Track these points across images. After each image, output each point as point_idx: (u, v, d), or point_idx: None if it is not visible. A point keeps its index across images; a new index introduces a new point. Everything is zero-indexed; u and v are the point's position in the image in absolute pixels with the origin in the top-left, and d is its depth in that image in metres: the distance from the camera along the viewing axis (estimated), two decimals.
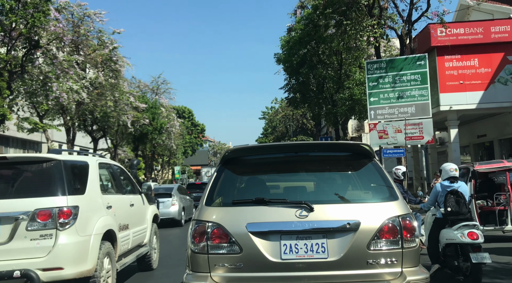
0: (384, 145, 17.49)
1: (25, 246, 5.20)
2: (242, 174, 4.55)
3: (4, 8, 14.67)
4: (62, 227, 5.31)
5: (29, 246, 5.21)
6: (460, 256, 6.84)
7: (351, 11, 18.45)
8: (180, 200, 17.65)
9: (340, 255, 3.74)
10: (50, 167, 5.62)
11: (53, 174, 5.56)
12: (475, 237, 6.54)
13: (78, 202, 5.56)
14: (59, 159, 5.72)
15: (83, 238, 5.54)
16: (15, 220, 5.21)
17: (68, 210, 5.37)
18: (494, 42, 19.89)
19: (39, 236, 5.24)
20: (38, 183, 5.58)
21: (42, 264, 5.18)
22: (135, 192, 8.02)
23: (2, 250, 5.16)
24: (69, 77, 18.33)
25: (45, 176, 5.61)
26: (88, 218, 5.73)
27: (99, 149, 31.36)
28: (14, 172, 5.76)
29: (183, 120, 60.53)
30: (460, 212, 6.95)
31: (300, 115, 47.84)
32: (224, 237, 3.84)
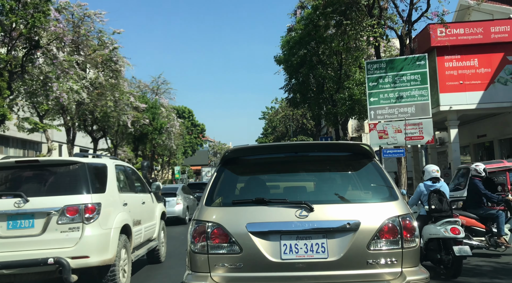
0: (384, 145, 17.48)
1: (56, 237, 6.00)
2: (242, 174, 4.55)
3: (4, 8, 14.67)
4: (87, 221, 6.13)
5: (60, 237, 6.01)
6: (442, 249, 7.34)
7: (351, 11, 18.44)
8: (184, 199, 18.45)
9: (340, 255, 3.75)
10: (76, 169, 6.45)
11: (79, 175, 6.38)
12: (457, 232, 7.13)
13: (100, 199, 6.36)
14: (84, 162, 6.55)
15: (105, 230, 6.32)
16: (47, 215, 6.03)
17: (92, 206, 6.18)
18: (494, 42, 19.88)
19: (68, 229, 6.05)
20: (66, 183, 6.41)
21: (71, 253, 5.97)
22: (145, 191, 8.81)
23: (36, 240, 5.95)
24: (69, 78, 18.33)
25: (72, 176, 6.43)
26: (109, 213, 6.50)
27: (99, 149, 31.36)
28: (45, 173, 6.58)
29: (183, 120, 60.49)
30: (442, 210, 7.60)
31: (300, 115, 47.83)
32: (224, 237, 3.84)
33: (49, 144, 23.03)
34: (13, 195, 6.11)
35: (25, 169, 6.64)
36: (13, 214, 6.03)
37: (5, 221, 6.02)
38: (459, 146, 20.87)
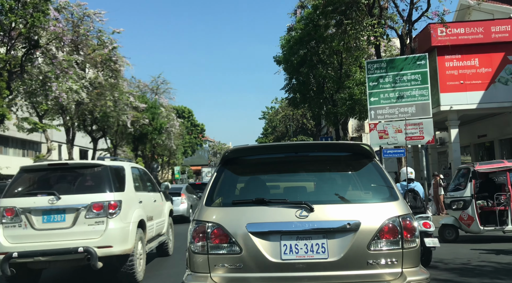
0: (385, 145, 17.46)
1: (84, 230, 6.90)
2: (242, 174, 4.53)
3: (3, 7, 14.66)
4: (110, 216, 7.03)
5: (87, 229, 6.93)
6: None
7: (351, 10, 18.42)
8: (188, 198, 19.28)
9: (340, 255, 3.73)
10: (100, 171, 7.35)
11: (103, 176, 7.29)
12: (428, 226, 8.06)
13: (121, 197, 7.26)
14: (106, 165, 7.46)
15: (125, 224, 7.23)
16: (77, 210, 6.93)
17: (114, 203, 7.11)
18: (494, 42, 19.87)
19: (94, 222, 6.96)
20: (92, 183, 7.34)
21: (97, 243, 6.86)
22: (155, 190, 9.72)
23: (67, 232, 6.88)
24: (69, 77, 18.32)
25: (96, 177, 7.35)
26: (128, 209, 7.41)
27: (99, 149, 31.34)
28: (73, 174, 7.60)
29: (183, 120, 60.50)
30: (416, 206, 8.61)
31: (300, 115, 47.80)
32: (224, 237, 3.82)
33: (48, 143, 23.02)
34: (47, 193, 7.04)
35: (56, 170, 7.66)
36: (47, 210, 6.95)
37: (40, 216, 6.95)
38: (459, 146, 20.86)
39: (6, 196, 7.16)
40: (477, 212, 10.69)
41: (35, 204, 6.95)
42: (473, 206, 10.69)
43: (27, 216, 6.91)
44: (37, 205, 6.95)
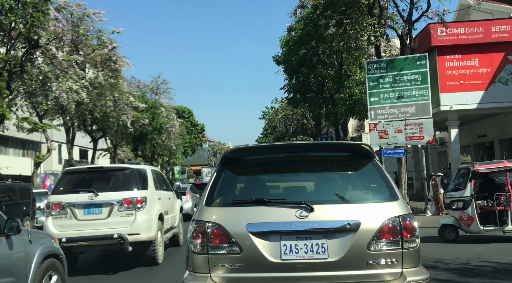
0: (384, 145, 17.46)
1: (117, 220, 8.54)
2: (242, 174, 4.53)
3: (3, 7, 14.66)
4: (138, 209, 8.68)
5: (120, 220, 8.57)
6: None
7: (351, 10, 18.41)
8: (192, 197, 20.32)
9: (340, 255, 3.72)
10: (129, 173, 9.08)
11: (131, 177, 9.00)
12: None
13: (146, 194, 8.94)
14: (133, 168, 9.25)
15: (149, 216, 8.91)
16: (111, 205, 8.59)
17: (141, 199, 8.78)
18: (494, 42, 19.86)
19: (125, 214, 8.61)
20: (123, 182, 9.00)
21: (128, 231, 8.47)
22: (169, 189, 11.35)
23: (104, 222, 8.50)
24: (69, 77, 18.32)
25: (126, 178, 9.04)
26: (151, 204, 9.05)
27: (99, 149, 31.34)
28: (107, 175, 9.30)
29: (183, 120, 60.50)
30: None
31: (300, 115, 47.80)
32: (224, 237, 3.82)
33: (48, 143, 23.02)
34: (87, 191, 8.66)
35: (94, 172, 9.41)
36: (87, 204, 8.58)
37: (82, 209, 8.55)
38: (459, 146, 20.85)
39: (54, 193, 8.84)
40: (477, 212, 10.68)
41: (77, 200, 8.56)
42: (473, 206, 10.69)
43: (72, 209, 8.51)
44: (79, 200, 8.58)
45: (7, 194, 15.40)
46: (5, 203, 14.52)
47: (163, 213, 9.62)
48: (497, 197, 10.83)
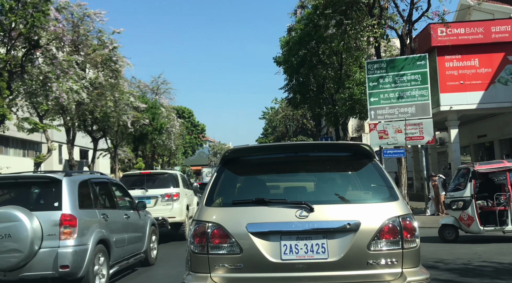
0: (384, 145, 17.46)
1: (161, 208, 12.34)
2: (242, 174, 4.53)
3: (3, 8, 14.65)
4: (174, 201, 12.64)
5: (162, 208, 12.38)
6: None
7: (351, 10, 18.41)
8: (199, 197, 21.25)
9: (340, 255, 3.73)
10: (168, 176, 13.44)
11: (169, 178, 13.21)
12: None
13: (179, 191, 12.93)
14: (170, 172, 13.90)
15: (181, 206, 12.85)
16: (156, 198, 12.56)
17: (176, 194, 12.77)
18: (494, 42, 19.85)
19: (166, 204, 12.54)
20: (163, 182, 13.02)
21: (168, 215, 12.30)
22: (190, 188, 15.02)
23: (152, 209, 11.55)
24: (69, 77, 18.30)
25: (166, 179, 13.20)
26: (182, 198, 12.99)
27: (99, 149, 31.33)
28: (153, 177, 13.35)
29: (183, 120, 60.46)
30: None
31: (300, 115, 47.77)
32: (224, 238, 3.82)
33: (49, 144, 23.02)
34: (141, 188, 12.53)
35: (144, 175, 13.36)
36: (141, 197, 11.64)
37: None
38: (459, 146, 20.84)
39: None
40: (477, 212, 10.68)
41: (134, 194, 10.52)
42: (473, 206, 10.69)
43: None
44: (135, 194, 10.87)
45: None
46: None
47: (188, 204, 13.64)
48: (497, 197, 10.83)
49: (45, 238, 6.19)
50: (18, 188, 7.06)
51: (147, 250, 8.96)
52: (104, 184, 8.18)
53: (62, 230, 6.23)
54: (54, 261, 6.16)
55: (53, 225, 6.22)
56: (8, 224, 6.07)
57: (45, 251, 6.18)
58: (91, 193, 7.23)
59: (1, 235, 6.03)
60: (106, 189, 8.17)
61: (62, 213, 6.29)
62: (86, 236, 6.50)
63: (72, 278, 6.30)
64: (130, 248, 8.13)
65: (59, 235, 6.21)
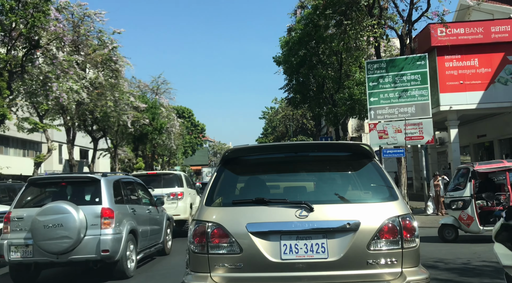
0: (384, 145, 17.47)
1: (167, 206, 12.12)
2: (242, 174, 4.53)
3: (4, 8, 14.67)
4: (178, 199, 13.61)
5: (168, 206, 12.62)
6: None
7: (351, 11, 18.42)
8: None
9: (340, 255, 3.73)
10: (173, 176, 14.42)
11: (174, 178, 14.19)
12: None
13: (183, 190, 13.92)
14: (175, 173, 14.91)
15: (185, 204, 13.80)
16: (163, 197, 12.39)
17: (180, 193, 13.75)
18: (494, 42, 19.86)
19: (171, 202, 13.25)
20: (169, 182, 13.95)
21: (173, 213, 12.50)
22: (193, 188, 16.15)
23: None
24: (69, 77, 18.32)
25: (171, 179, 14.14)
26: (186, 197, 13.97)
27: (99, 149, 31.34)
28: (159, 178, 14.20)
29: (183, 120, 60.46)
30: None
31: (300, 115, 47.78)
32: (224, 237, 3.83)
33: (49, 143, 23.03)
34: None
35: (151, 176, 14.31)
36: None
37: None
38: (459, 146, 20.85)
39: None
40: (476, 211, 10.69)
41: None
42: (472, 206, 10.70)
43: None
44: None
45: (8, 194, 15.41)
46: (5, 203, 14.52)
47: (192, 203, 14.42)
48: (496, 197, 10.84)
49: (89, 227, 7.38)
50: (65, 186, 8.30)
51: (164, 241, 10.21)
52: (131, 183, 9.36)
53: (102, 220, 7.49)
54: (96, 246, 7.36)
55: (95, 217, 7.45)
56: (60, 216, 7.24)
57: (89, 238, 7.35)
58: (122, 190, 8.47)
59: (54, 225, 7.21)
60: (132, 187, 9.39)
61: (102, 207, 7.55)
62: (121, 226, 7.76)
63: (110, 260, 7.56)
64: (151, 238, 9.38)
65: (100, 225, 7.45)
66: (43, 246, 7.21)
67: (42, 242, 7.20)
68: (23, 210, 7.67)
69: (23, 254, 7.37)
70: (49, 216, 7.22)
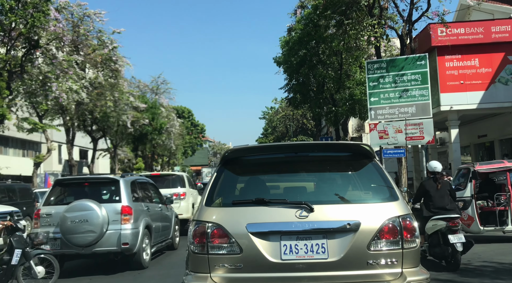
0: (385, 145, 17.44)
1: (173, 206, 12.19)
2: (242, 174, 4.52)
3: (4, 8, 14.66)
4: (181, 199, 14.12)
5: (174, 206, 12.25)
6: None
7: (351, 11, 18.39)
8: None
9: (340, 255, 3.72)
10: (175, 177, 15.02)
11: (176, 179, 14.76)
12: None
13: (185, 190, 14.49)
14: (178, 174, 15.53)
15: (187, 204, 14.45)
16: (170, 196, 12.25)
17: (183, 193, 14.33)
18: (494, 42, 19.83)
19: (175, 202, 13.04)
20: (172, 183, 14.38)
21: (177, 212, 12.42)
22: (194, 188, 16.63)
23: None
24: (69, 77, 18.32)
25: (174, 180, 14.66)
26: (188, 196, 14.63)
27: (99, 149, 31.33)
28: (163, 179, 14.42)
29: (183, 120, 60.45)
30: None
31: (300, 115, 47.78)
32: (224, 238, 3.82)
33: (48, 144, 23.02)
34: None
35: (155, 176, 14.25)
36: None
37: None
38: (459, 146, 20.83)
39: None
40: (477, 212, 10.67)
41: None
42: (473, 206, 10.67)
43: None
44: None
45: (7, 194, 15.40)
46: (5, 203, 14.51)
47: (194, 203, 14.90)
48: (497, 197, 10.82)
49: (111, 223, 8.26)
50: (88, 186, 9.23)
51: (173, 237, 11.13)
52: (144, 183, 10.29)
53: (122, 217, 8.39)
54: (117, 240, 8.25)
55: (115, 213, 8.36)
56: (85, 212, 8.12)
57: (110, 232, 8.24)
58: (137, 190, 9.44)
59: (80, 220, 8.08)
60: (146, 187, 10.30)
61: (122, 205, 8.49)
62: (138, 222, 8.69)
63: (129, 253, 8.45)
64: (162, 234, 10.29)
65: (120, 220, 8.35)
66: (70, 239, 8.08)
67: (69, 235, 8.07)
68: (51, 207, 8.52)
69: (52, 247, 8.17)
70: (76, 213, 8.09)
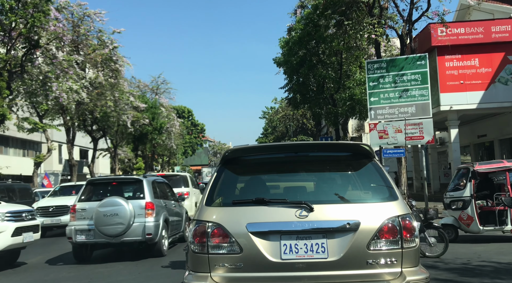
0: (384, 145, 17.45)
1: None
2: (242, 174, 4.53)
3: (4, 7, 14.68)
4: (185, 199, 14.58)
5: None
6: None
7: (351, 10, 18.39)
8: None
9: (340, 255, 3.73)
10: (179, 177, 16.73)
11: (180, 180, 16.42)
12: None
13: (189, 190, 16.18)
14: (182, 174, 17.20)
15: (191, 202, 15.72)
16: (179, 194, 13.43)
17: (187, 192, 15.69)
18: (494, 42, 19.85)
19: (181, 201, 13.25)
20: (177, 182, 15.83)
21: None
22: (197, 188, 17.82)
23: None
24: (69, 77, 18.34)
25: (178, 180, 16.22)
26: (191, 196, 16.04)
27: (99, 149, 31.34)
28: (167, 179, 13.83)
29: (183, 120, 60.46)
30: None
31: (300, 115, 47.76)
32: (224, 237, 3.83)
33: (48, 143, 23.04)
34: None
35: (166, 176, 15.04)
36: None
37: None
38: (459, 146, 20.85)
39: None
40: (476, 212, 10.68)
41: None
42: (472, 206, 10.68)
43: None
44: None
45: (7, 194, 15.41)
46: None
47: (196, 202, 15.61)
48: (496, 197, 10.83)
49: (136, 216, 9.58)
50: (116, 185, 10.68)
51: (184, 231, 12.14)
52: (162, 183, 11.57)
53: (146, 211, 9.74)
54: (142, 231, 9.58)
55: (140, 208, 9.71)
56: (116, 207, 9.48)
57: (136, 224, 9.56)
58: (157, 189, 10.69)
59: (111, 214, 9.41)
60: (163, 186, 11.56)
61: (146, 201, 9.85)
62: (158, 216, 10.02)
63: (151, 242, 9.75)
64: (176, 227, 11.50)
65: (144, 214, 9.69)
66: (102, 230, 9.40)
67: (102, 227, 9.39)
68: (85, 203, 9.88)
69: (86, 237, 9.58)
70: (107, 208, 9.44)
